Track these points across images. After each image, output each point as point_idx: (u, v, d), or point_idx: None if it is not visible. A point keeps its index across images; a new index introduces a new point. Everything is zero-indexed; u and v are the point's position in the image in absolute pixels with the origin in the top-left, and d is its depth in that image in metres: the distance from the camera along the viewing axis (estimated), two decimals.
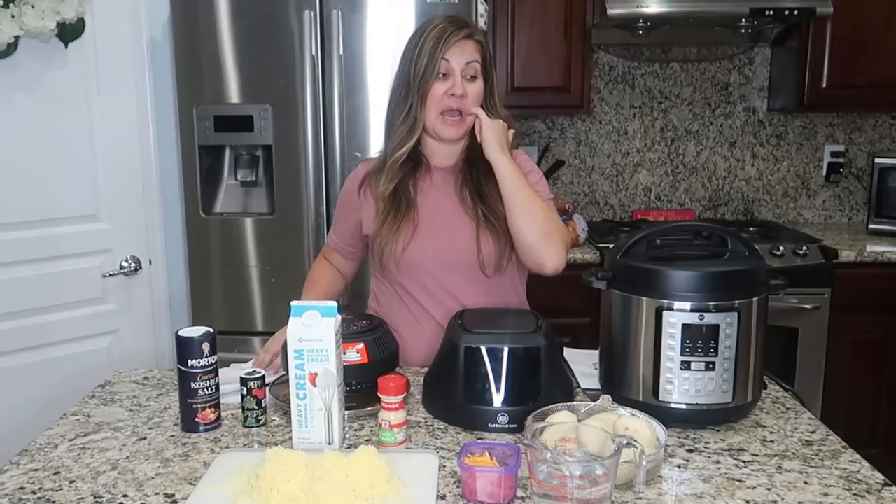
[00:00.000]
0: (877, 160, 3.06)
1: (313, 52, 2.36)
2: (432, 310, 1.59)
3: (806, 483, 1.09)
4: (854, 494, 1.06)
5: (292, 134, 2.42)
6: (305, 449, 1.12)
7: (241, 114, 2.41)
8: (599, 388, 1.39)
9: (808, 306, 2.70)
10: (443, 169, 1.63)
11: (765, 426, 1.28)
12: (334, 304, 1.19)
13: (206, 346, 1.26)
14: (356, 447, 1.10)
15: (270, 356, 1.53)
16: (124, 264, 2.34)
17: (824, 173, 3.32)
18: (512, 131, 1.57)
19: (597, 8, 2.83)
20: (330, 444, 1.18)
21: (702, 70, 3.26)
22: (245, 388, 1.28)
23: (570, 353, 1.58)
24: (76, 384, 1.69)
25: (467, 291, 1.58)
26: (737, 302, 1.23)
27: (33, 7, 1.96)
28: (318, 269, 1.81)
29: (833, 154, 3.29)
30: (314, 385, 1.16)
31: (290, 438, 1.21)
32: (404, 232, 1.56)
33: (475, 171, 1.60)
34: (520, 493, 1.05)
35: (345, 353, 1.27)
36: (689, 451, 1.19)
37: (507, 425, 1.24)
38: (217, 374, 1.28)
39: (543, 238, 1.48)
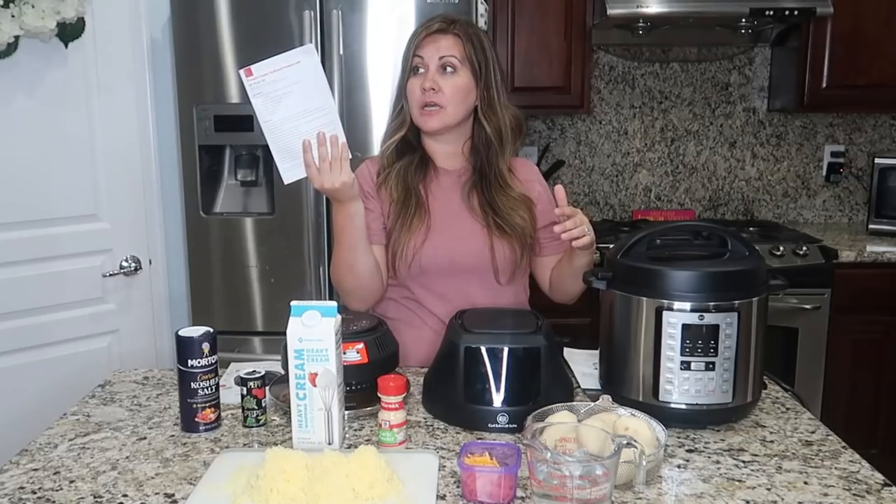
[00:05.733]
0: (877, 160, 3.06)
1: None
2: (438, 312, 1.58)
3: (806, 483, 1.09)
4: (854, 494, 1.06)
5: None
6: (305, 449, 1.12)
7: (241, 114, 2.41)
8: (599, 388, 1.39)
9: (808, 306, 2.70)
10: (449, 172, 1.63)
11: (765, 426, 1.28)
12: (334, 304, 1.19)
13: (206, 346, 1.26)
14: (356, 447, 1.10)
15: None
16: (124, 264, 2.34)
17: (824, 173, 3.32)
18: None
19: (597, 8, 2.83)
20: (330, 444, 1.18)
21: (702, 70, 3.26)
22: (245, 388, 1.28)
23: (570, 353, 1.58)
24: (76, 384, 1.69)
25: (479, 294, 1.57)
26: (737, 302, 1.23)
27: (33, 7, 1.96)
28: None
29: (833, 154, 3.29)
30: (314, 385, 1.16)
31: (290, 438, 1.21)
32: (416, 233, 1.55)
33: (485, 184, 1.59)
34: (520, 493, 1.05)
35: (345, 353, 1.27)
36: (689, 451, 1.19)
37: (507, 425, 1.24)
38: (217, 374, 1.28)
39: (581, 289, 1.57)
